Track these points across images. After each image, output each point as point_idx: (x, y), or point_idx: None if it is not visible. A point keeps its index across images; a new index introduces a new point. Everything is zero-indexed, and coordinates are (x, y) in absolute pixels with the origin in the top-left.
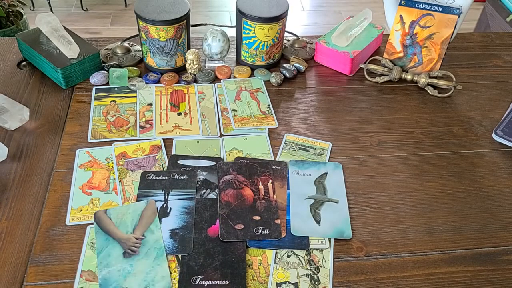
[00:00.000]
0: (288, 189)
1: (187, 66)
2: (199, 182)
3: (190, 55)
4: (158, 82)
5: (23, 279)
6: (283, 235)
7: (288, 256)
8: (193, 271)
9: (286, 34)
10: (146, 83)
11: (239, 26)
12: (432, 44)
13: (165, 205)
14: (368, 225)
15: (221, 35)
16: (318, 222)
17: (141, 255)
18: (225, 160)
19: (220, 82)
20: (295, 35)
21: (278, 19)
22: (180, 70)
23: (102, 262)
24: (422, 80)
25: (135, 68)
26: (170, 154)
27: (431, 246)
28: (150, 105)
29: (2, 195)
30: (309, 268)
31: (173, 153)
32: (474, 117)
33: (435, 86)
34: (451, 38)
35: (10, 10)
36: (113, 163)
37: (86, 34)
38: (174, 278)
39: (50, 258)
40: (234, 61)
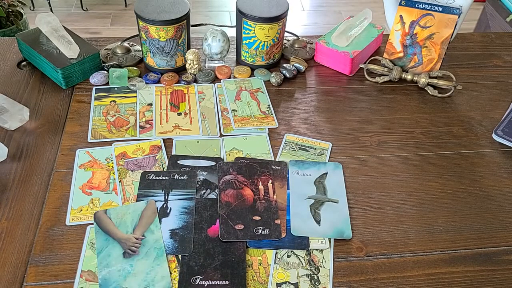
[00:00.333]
0: (288, 189)
1: (187, 66)
2: (199, 182)
3: (190, 55)
4: (158, 82)
5: (23, 279)
6: (283, 235)
7: (288, 256)
8: (193, 271)
9: (286, 34)
10: (146, 83)
11: (239, 26)
12: (432, 44)
13: (165, 205)
14: (368, 225)
15: (221, 35)
16: (318, 222)
17: (141, 255)
18: (225, 160)
19: (220, 82)
20: (295, 35)
21: (278, 19)
22: (180, 70)
23: (102, 262)
24: (422, 80)
25: (135, 68)
26: (170, 154)
27: (431, 246)
28: (150, 105)
29: (2, 195)
30: (309, 268)
31: (173, 153)
32: (474, 117)
33: (435, 86)
34: (451, 38)
35: (10, 10)
36: (113, 163)
37: (86, 34)
38: (174, 278)
39: (50, 258)
40: (234, 61)
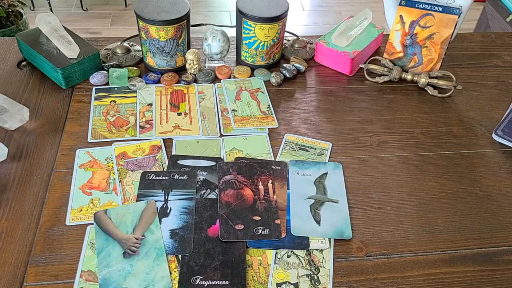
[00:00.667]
0: (288, 189)
1: (187, 66)
2: (199, 182)
3: (190, 55)
4: (158, 82)
5: (23, 279)
6: (283, 235)
7: (288, 256)
8: (193, 271)
9: (286, 34)
10: (146, 83)
11: (239, 26)
12: (432, 44)
13: (165, 205)
14: (368, 225)
15: (221, 35)
16: (318, 222)
17: (141, 255)
18: (225, 160)
19: (220, 82)
20: (295, 35)
21: (278, 19)
22: (180, 70)
23: (102, 262)
24: (422, 80)
25: (135, 68)
26: (170, 154)
27: (431, 246)
28: (150, 105)
29: (2, 195)
30: (309, 268)
31: (173, 153)
32: (474, 117)
33: (435, 86)
34: (451, 38)
35: (10, 10)
36: (113, 163)
37: (86, 34)
38: (174, 278)
39: (50, 258)
40: (234, 61)
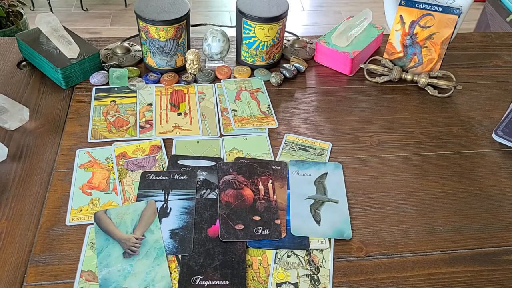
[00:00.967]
0: (288, 189)
1: (187, 66)
2: (199, 182)
3: (190, 55)
4: (158, 82)
5: (23, 279)
6: (283, 235)
7: (288, 256)
8: (193, 271)
9: (286, 34)
10: (146, 83)
11: (239, 26)
12: (432, 44)
13: (165, 205)
14: (368, 225)
15: (221, 35)
16: (318, 222)
17: (141, 255)
18: (225, 160)
19: (220, 82)
20: (295, 35)
21: (278, 19)
22: (180, 70)
23: (102, 262)
24: (422, 80)
25: (135, 68)
26: (170, 154)
27: (431, 246)
28: (150, 105)
29: (2, 195)
30: (309, 268)
31: (173, 153)
32: (474, 117)
33: (435, 86)
34: (451, 38)
35: (10, 10)
36: (113, 163)
37: (86, 34)
38: (174, 278)
39: (50, 258)
40: (234, 61)
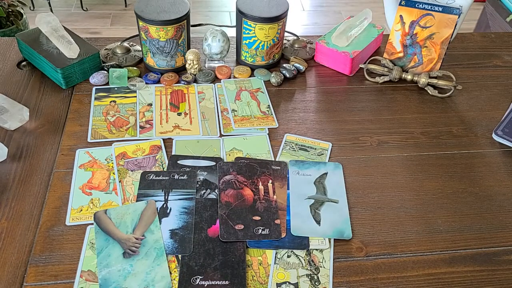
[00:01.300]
0: (288, 189)
1: (187, 66)
2: (199, 182)
3: (190, 55)
4: (158, 82)
5: (23, 280)
6: (283, 235)
7: (288, 256)
8: (193, 271)
9: (286, 34)
10: (146, 83)
11: (239, 26)
12: (432, 44)
13: (165, 205)
14: (368, 225)
15: (221, 35)
16: (318, 222)
17: (141, 255)
18: (225, 160)
19: (220, 82)
20: (295, 35)
21: (278, 19)
22: (180, 70)
23: (102, 262)
24: (422, 80)
25: (135, 68)
26: (170, 154)
27: (431, 246)
28: (150, 105)
29: (2, 195)
30: (309, 268)
31: (173, 153)
32: (474, 117)
33: (435, 86)
34: (451, 38)
35: (10, 10)
36: (113, 163)
37: (86, 34)
38: (174, 278)
39: (50, 258)
40: (234, 61)
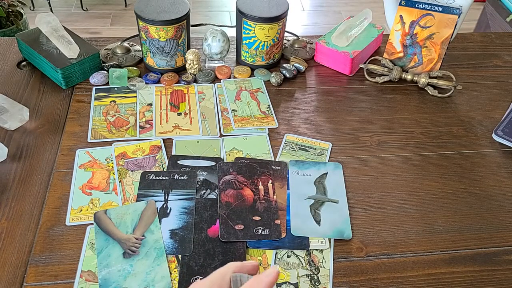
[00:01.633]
0: (288, 189)
1: (187, 66)
2: (199, 182)
3: (190, 55)
4: (158, 82)
5: (23, 280)
6: (283, 236)
7: (288, 256)
8: (193, 272)
9: (286, 34)
10: (146, 83)
11: (239, 26)
12: (432, 44)
13: (165, 205)
14: (368, 225)
15: (221, 35)
16: (318, 223)
17: (141, 256)
18: (225, 160)
19: (220, 82)
20: (295, 35)
21: (278, 19)
22: (180, 70)
23: (102, 263)
24: (422, 80)
25: (135, 68)
26: (170, 154)
27: (431, 246)
28: (150, 105)
29: (2, 195)
30: (309, 268)
31: (173, 153)
32: (474, 117)
33: (435, 86)
34: (451, 38)
35: (10, 10)
36: (113, 163)
37: (86, 34)
38: (174, 279)
39: (50, 259)
40: (234, 61)
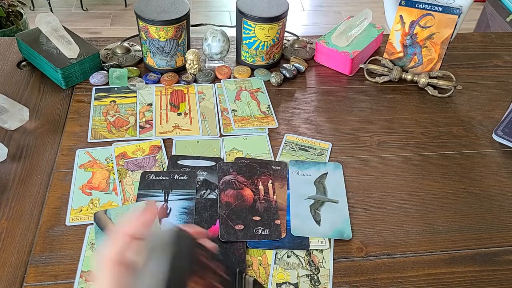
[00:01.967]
0: (288, 189)
1: (187, 66)
2: (199, 183)
3: (190, 55)
4: (158, 82)
5: (23, 280)
6: (283, 236)
7: (288, 256)
8: None
9: (286, 34)
10: (146, 83)
11: (239, 26)
12: (432, 44)
13: (165, 205)
14: (368, 225)
15: (221, 35)
16: (318, 223)
17: None
18: (225, 160)
19: (220, 82)
20: (295, 35)
21: (278, 19)
22: (180, 70)
23: None
24: (422, 80)
25: (135, 68)
26: (170, 154)
27: (431, 247)
28: (150, 105)
29: (2, 195)
30: (309, 268)
31: (173, 153)
32: (474, 117)
33: (435, 86)
34: (451, 38)
35: (10, 10)
36: (113, 163)
37: (86, 34)
38: None
39: (50, 259)
40: (234, 61)
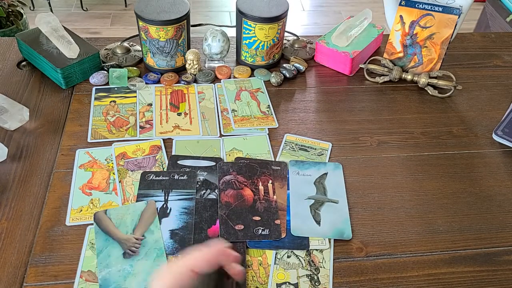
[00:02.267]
0: (288, 189)
1: (187, 66)
2: (199, 183)
3: (190, 55)
4: (158, 82)
5: (23, 280)
6: (283, 236)
7: (288, 256)
8: None
9: (286, 34)
10: (146, 83)
11: (239, 26)
12: (432, 44)
13: (165, 205)
14: (368, 225)
15: (221, 35)
16: (318, 223)
17: (141, 256)
18: (225, 160)
19: (220, 82)
20: (295, 35)
21: (278, 19)
22: (180, 70)
23: (102, 263)
24: (422, 80)
25: (135, 68)
26: (170, 154)
27: (431, 247)
28: (150, 105)
29: (2, 195)
30: (309, 268)
31: (173, 153)
32: (474, 117)
33: (435, 86)
34: (451, 38)
35: (10, 10)
36: (113, 164)
37: (86, 34)
38: None
39: (50, 259)
40: (234, 61)
